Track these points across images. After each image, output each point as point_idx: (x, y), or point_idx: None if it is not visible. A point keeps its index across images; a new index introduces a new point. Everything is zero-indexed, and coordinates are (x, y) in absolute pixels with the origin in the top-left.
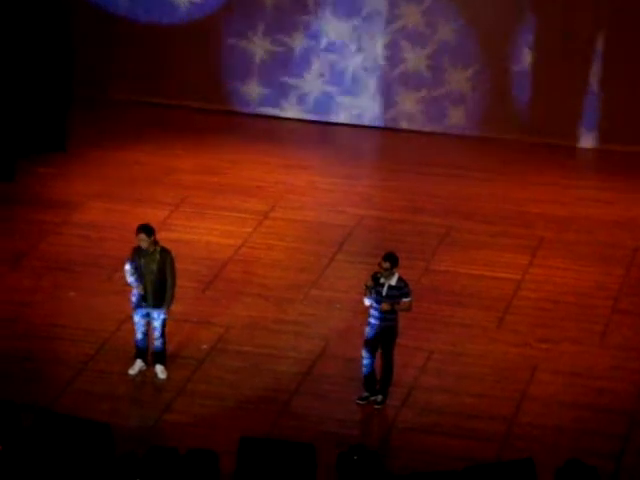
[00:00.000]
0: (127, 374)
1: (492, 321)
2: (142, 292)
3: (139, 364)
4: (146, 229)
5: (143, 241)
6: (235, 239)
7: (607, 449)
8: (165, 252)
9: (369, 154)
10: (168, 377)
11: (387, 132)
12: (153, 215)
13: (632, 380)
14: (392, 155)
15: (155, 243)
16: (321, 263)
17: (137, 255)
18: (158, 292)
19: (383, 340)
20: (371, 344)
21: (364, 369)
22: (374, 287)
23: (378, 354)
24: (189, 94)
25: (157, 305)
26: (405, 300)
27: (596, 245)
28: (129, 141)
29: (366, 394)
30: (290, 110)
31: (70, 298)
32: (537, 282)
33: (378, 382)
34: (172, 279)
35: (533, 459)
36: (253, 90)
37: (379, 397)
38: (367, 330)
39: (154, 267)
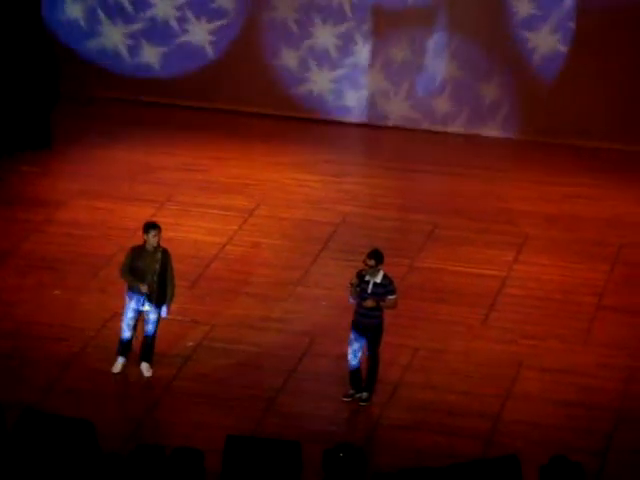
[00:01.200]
0: (111, 372)
1: (477, 318)
2: (147, 292)
3: (121, 361)
4: (156, 225)
5: (156, 237)
6: (220, 237)
7: (592, 446)
8: (166, 252)
9: (355, 151)
10: (154, 375)
11: (373, 129)
12: (138, 213)
13: (617, 377)
14: (377, 152)
15: (158, 242)
16: (306, 260)
17: (137, 255)
18: (158, 291)
19: (368, 337)
20: (356, 340)
21: (350, 365)
22: (359, 285)
23: (364, 351)
24: (175, 92)
25: (157, 304)
26: (390, 297)
27: (581, 242)
28: (113, 139)
29: (352, 391)
30: (276, 107)
31: (54, 296)
32: (522, 279)
33: (364, 380)
34: (173, 278)
35: (518, 456)
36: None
37: (364, 394)
38: (352, 327)
39: (156, 267)
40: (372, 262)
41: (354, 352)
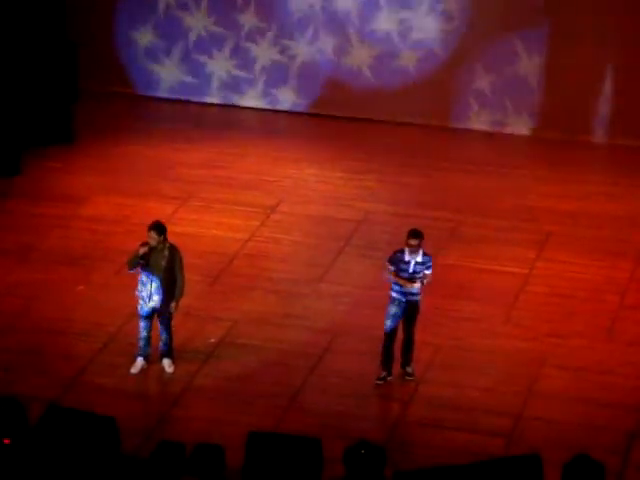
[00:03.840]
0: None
1: (500, 316)
2: (145, 252)
3: (140, 362)
4: (158, 228)
5: (152, 239)
6: (242, 233)
7: (615, 445)
8: (174, 249)
9: (377, 148)
10: (175, 371)
11: (395, 126)
12: (160, 209)
13: None
14: (399, 149)
15: (164, 240)
16: (328, 257)
17: (144, 256)
18: (165, 288)
19: (407, 316)
20: (392, 317)
21: (386, 334)
22: (398, 264)
23: (400, 330)
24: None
25: (164, 301)
26: (427, 273)
27: (604, 240)
28: (135, 135)
29: (384, 374)
30: (297, 104)
31: (77, 292)
32: (544, 277)
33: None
34: (182, 276)
35: (540, 454)
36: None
37: (409, 369)
38: (390, 307)
39: (162, 263)
40: (416, 242)
41: (392, 322)
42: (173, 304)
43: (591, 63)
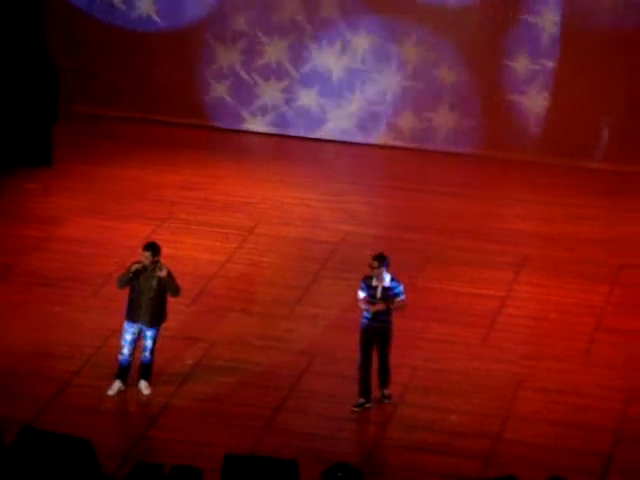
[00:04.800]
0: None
1: (476, 338)
2: (137, 268)
3: (118, 384)
4: (152, 248)
5: (146, 259)
6: (220, 255)
7: (591, 467)
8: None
9: (354, 171)
10: (152, 393)
11: (373, 148)
12: (139, 230)
13: (616, 398)
14: (378, 172)
15: (157, 262)
16: (306, 279)
17: (137, 274)
18: (155, 309)
19: (378, 343)
20: (364, 344)
21: (360, 374)
22: (367, 290)
23: (374, 356)
24: (173, 110)
25: (152, 323)
26: (399, 299)
27: (580, 263)
28: (114, 156)
29: (362, 400)
30: (275, 126)
31: (55, 313)
32: (521, 299)
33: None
34: (178, 288)
35: (517, 476)
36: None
37: (386, 391)
38: (360, 337)
39: (154, 283)
40: (375, 263)
41: (362, 354)
42: (157, 327)
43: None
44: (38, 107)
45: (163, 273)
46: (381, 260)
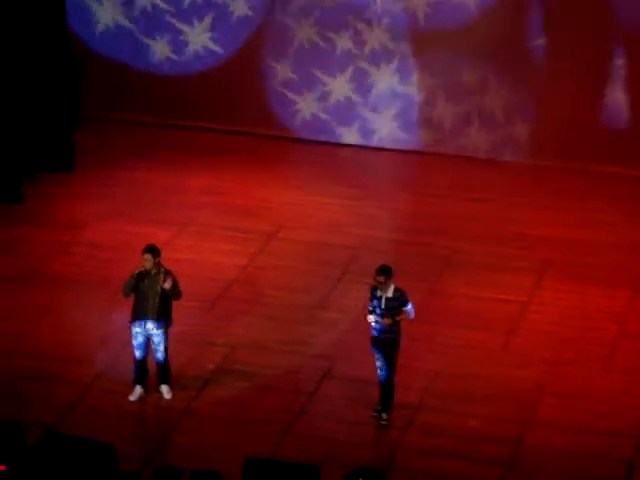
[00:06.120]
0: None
1: (497, 343)
2: (140, 271)
3: (139, 391)
4: (152, 250)
5: (147, 261)
6: (241, 259)
7: (613, 473)
8: (168, 274)
9: (375, 175)
10: (173, 397)
11: (394, 153)
12: (160, 235)
13: (638, 404)
14: (398, 177)
15: (158, 264)
16: (326, 284)
17: (140, 277)
18: (161, 313)
19: (382, 352)
20: (377, 357)
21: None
22: (373, 300)
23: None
24: (198, 114)
25: (159, 325)
26: (405, 309)
27: (602, 268)
28: (136, 161)
29: (379, 407)
30: (298, 131)
31: (77, 317)
32: (543, 304)
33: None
34: (180, 292)
35: None
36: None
37: (384, 415)
38: (371, 344)
39: (158, 288)
40: (381, 278)
41: (379, 368)
42: (164, 329)
43: (588, 88)
44: (59, 112)
45: (167, 285)
46: (386, 273)
